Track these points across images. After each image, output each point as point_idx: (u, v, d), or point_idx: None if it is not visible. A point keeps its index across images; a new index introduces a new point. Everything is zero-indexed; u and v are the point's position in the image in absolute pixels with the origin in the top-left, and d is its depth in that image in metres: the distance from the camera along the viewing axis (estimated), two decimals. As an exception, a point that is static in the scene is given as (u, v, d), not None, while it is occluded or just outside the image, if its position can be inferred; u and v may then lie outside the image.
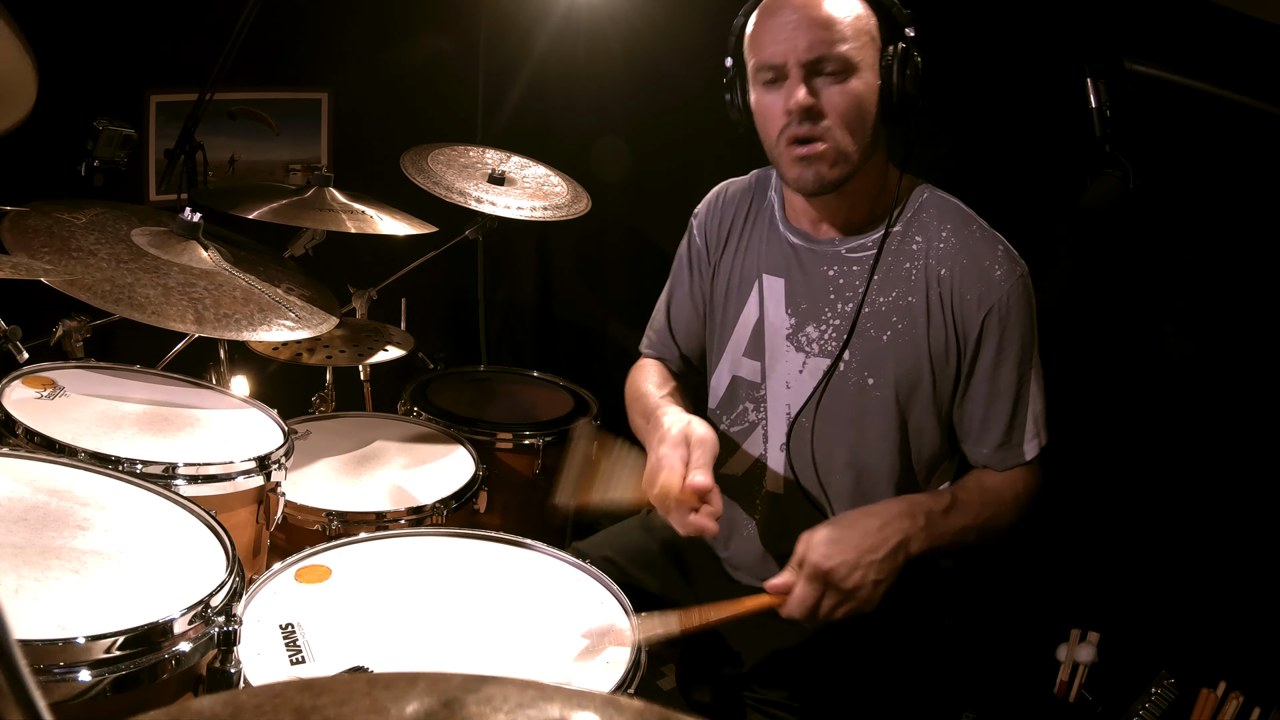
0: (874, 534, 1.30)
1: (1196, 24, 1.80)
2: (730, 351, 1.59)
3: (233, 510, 1.52)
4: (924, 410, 1.46)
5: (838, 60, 1.32)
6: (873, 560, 1.28)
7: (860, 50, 1.34)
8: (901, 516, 1.33)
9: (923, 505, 1.36)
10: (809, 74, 1.33)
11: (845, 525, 1.31)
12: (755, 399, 1.56)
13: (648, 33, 2.70)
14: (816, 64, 1.33)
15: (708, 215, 1.66)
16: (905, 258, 1.44)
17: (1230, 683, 1.90)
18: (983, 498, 1.44)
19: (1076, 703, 2.05)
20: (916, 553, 1.33)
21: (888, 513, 1.34)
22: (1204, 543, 2.00)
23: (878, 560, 1.28)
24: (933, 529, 1.34)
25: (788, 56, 1.33)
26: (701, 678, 1.60)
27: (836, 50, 1.32)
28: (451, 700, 0.44)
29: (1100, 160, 1.73)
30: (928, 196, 1.47)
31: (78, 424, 1.54)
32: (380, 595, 1.32)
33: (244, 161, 2.77)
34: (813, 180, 1.38)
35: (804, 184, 1.40)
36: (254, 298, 1.65)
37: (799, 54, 1.32)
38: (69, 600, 1.08)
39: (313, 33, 2.78)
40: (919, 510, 1.35)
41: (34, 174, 1.96)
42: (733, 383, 1.59)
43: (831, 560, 1.27)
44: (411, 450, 2.06)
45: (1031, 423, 1.45)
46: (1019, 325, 1.41)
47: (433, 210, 2.30)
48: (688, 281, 1.69)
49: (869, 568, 1.28)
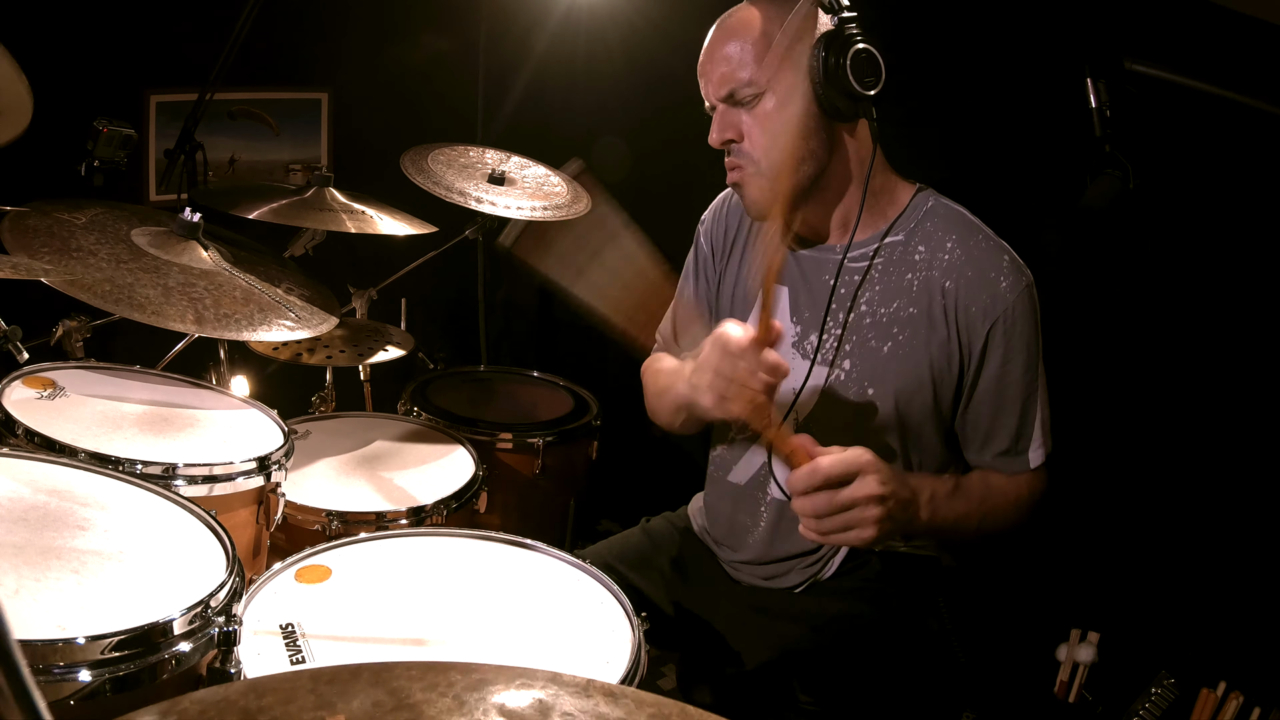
0: (908, 478, 1.30)
1: (1196, 24, 1.80)
2: None
3: (233, 510, 1.52)
4: (925, 420, 1.46)
5: (744, 89, 1.38)
6: (894, 490, 1.23)
7: (768, 67, 1.36)
8: (915, 479, 1.34)
9: (929, 481, 1.37)
10: (730, 107, 1.40)
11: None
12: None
13: (648, 33, 2.70)
14: (730, 98, 1.39)
15: (713, 222, 1.67)
16: (907, 268, 1.43)
17: (1230, 683, 1.90)
18: (986, 490, 1.44)
19: (1076, 703, 2.05)
20: (923, 521, 1.31)
21: (906, 473, 1.36)
22: (1204, 543, 2.00)
23: (897, 495, 1.23)
24: (936, 505, 1.34)
25: (708, 95, 1.43)
26: (702, 677, 1.60)
27: (739, 78, 1.37)
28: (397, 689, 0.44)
29: (1100, 160, 1.73)
30: (932, 204, 1.46)
31: (78, 424, 1.54)
32: (380, 595, 1.32)
33: (244, 161, 2.77)
34: (750, 206, 1.46)
35: (747, 209, 1.48)
36: (254, 298, 1.65)
37: (713, 92, 1.42)
38: (69, 600, 1.08)
39: (313, 33, 2.78)
40: (926, 483, 1.35)
41: (34, 174, 1.96)
42: None
43: (871, 459, 1.21)
44: (411, 450, 2.06)
45: (1038, 430, 1.44)
46: (1024, 336, 1.40)
47: (433, 210, 2.30)
48: (693, 288, 1.69)
49: (890, 494, 1.22)
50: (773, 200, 1.39)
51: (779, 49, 1.35)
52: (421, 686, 0.45)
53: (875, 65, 1.34)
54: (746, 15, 1.39)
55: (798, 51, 1.35)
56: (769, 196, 1.40)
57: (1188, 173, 1.91)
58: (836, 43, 1.33)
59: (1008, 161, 2.17)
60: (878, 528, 1.21)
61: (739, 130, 1.39)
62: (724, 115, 1.40)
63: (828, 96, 1.35)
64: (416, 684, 0.45)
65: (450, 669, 0.46)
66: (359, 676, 0.45)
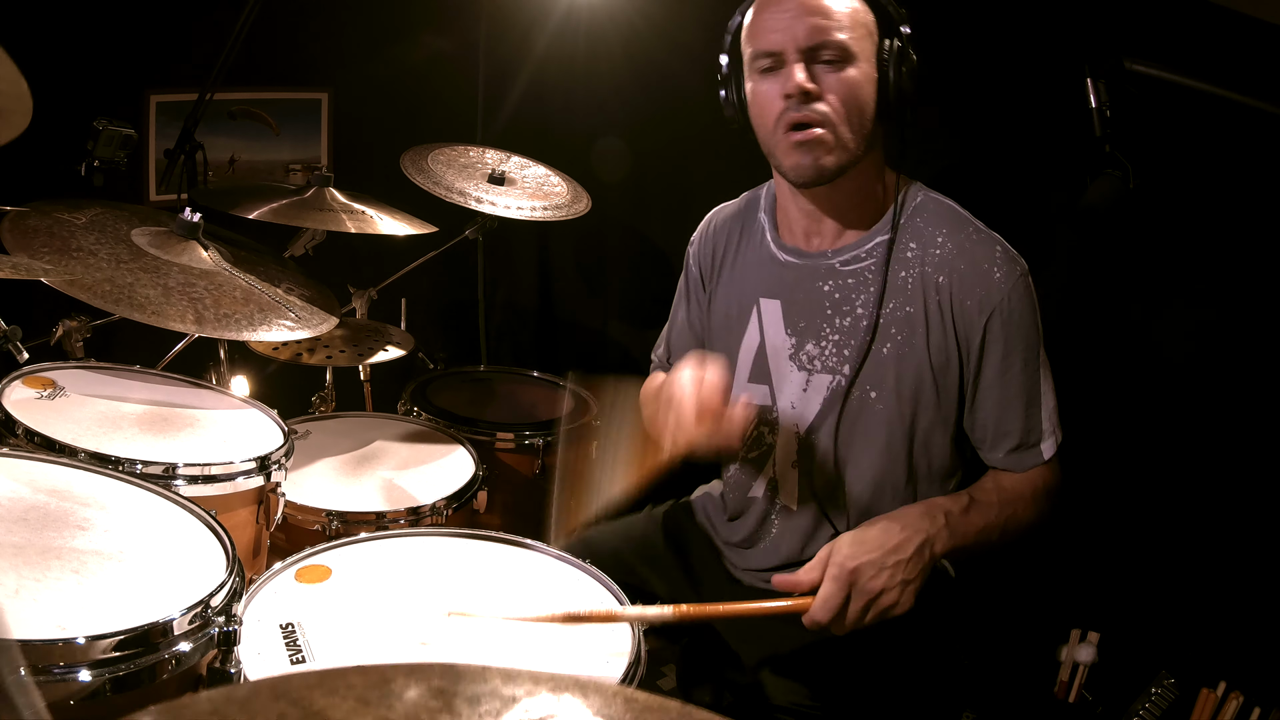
0: (896, 534, 1.29)
1: (1196, 24, 1.80)
2: (736, 379, 1.58)
3: (233, 510, 1.52)
4: (930, 420, 1.45)
5: (836, 47, 1.33)
6: (898, 560, 1.27)
7: (858, 41, 1.34)
8: (921, 518, 1.33)
9: (941, 506, 1.36)
10: (807, 61, 1.34)
11: (867, 529, 1.31)
12: (769, 421, 1.55)
13: (648, 33, 2.70)
14: (815, 50, 1.33)
15: (701, 244, 1.66)
16: (900, 266, 1.43)
17: (1230, 683, 1.90)
18: (1001, 496, 1.42)
19: (1076, 703, 2.05)
20: (942, 552, 1.32)
21: (907, 515, 1.34)
22: (1204, 543, 2.00)
23: (904, 560, 1.27)
24: (954, 528, 1.33)
25: (786, 44, 1.34)
26: (702, 678, 1.60)
27: (834, 37, 1.33)
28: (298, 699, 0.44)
29: (1100, 160, 1.73)
30: (921, 200, 1.46)
31: (78, 424, 1.54)
32: (380, 595, 1.32)
33: (244, 161, 2.77)
34: (810, 166, 1.37)
35: (802, 171, 1.38)
36: (254, 298, 1.65)
37: (798, 40, 1.33)
38: (69, 600, 1.08)
39: (313, 33, 2.78)
40: (938, 510, 1.34)
41: (34, 174, 1.96)
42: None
43: (856, 559, 1.25)
44: (411, 450, 2.06)
45: (1046, 421, 1.44)
46: (1023, 325, 1.40)
47: (433, 210, 2.30)
48: (685, 311, 1.69)
49: (895, 568, 1.26)
50: (836, 166, 1.37)
51: (866, 28, 1.36)
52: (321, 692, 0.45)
53: (921, 79, 1.36)
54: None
55: (872, 41, 1.36)
56: (834, 161, 1.37)
57: (1188, 173, 1.91)
58: (906, 49, 1.35)
59: (1008, 161, 2.17)
60: (908, 595, 1.28)
61: (822, 88, 1.35)
62: (801, 66, 1.34)
63: (888, 93, 1.36)
64: (316, 690, 0.45)
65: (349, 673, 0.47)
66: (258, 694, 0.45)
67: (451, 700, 0.47)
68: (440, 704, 0.46)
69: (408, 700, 0.46)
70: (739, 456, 1.59)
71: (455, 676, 0.47)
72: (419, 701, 0.46)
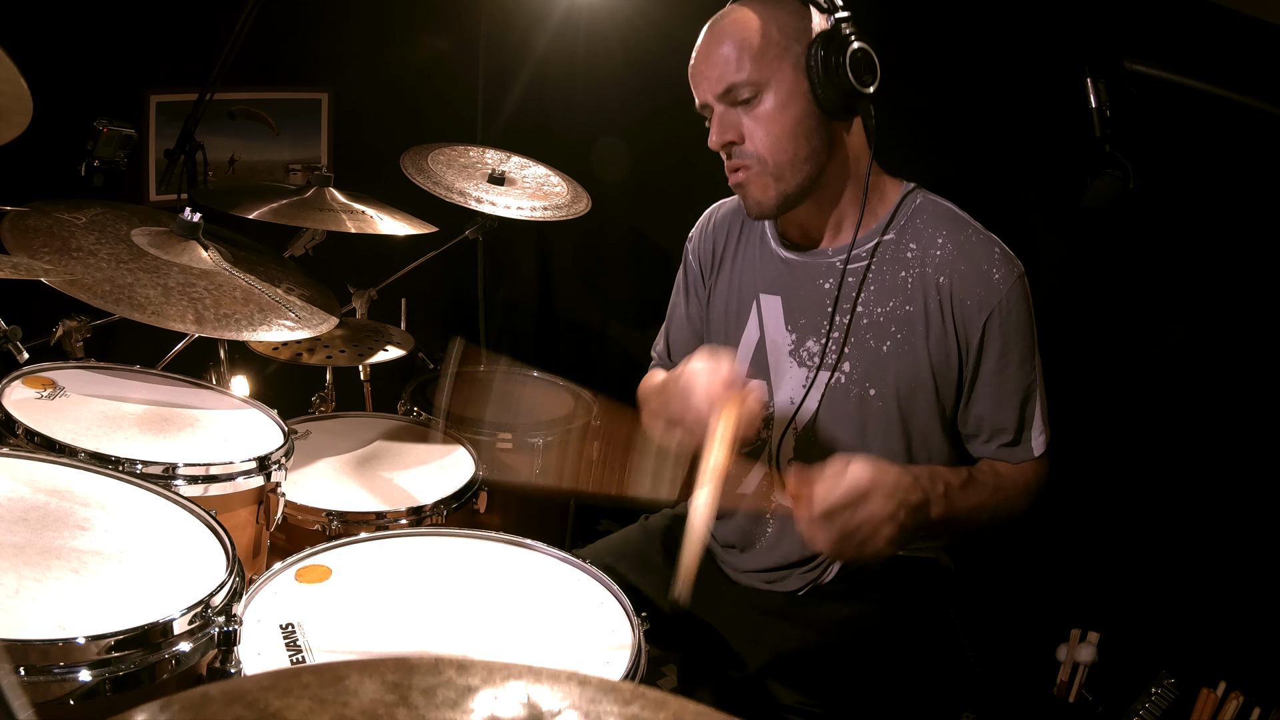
0: (907, 477, 1.26)
1: (1196, 24, 1.80)
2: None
3: (233, 510, 1.52)
4: (928, 418, 1.46)
5: (744, 86, 1.36)
6: (902, 500, 1.23)
7: (768, 65, 1.35)
8: (925, 477, 1.31)
9: (941, 475, 1.36)
10: (729, 106, 1.39)
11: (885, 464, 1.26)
12: (765, 417, 1.55)
13: (648, 33, 2.70)
14: (728, 96, 1.38)
15: (700, 240, 1.67)
16: (900, 266, 1.44)
17: (1230, 683, 1.90)
18: (996, 480, 1.43)
19: (1076, 703, 2.05)
20: (935, 518, 1.30)
21: (913, 471, 1.31)
22: (1204, 543, 2.00)
23: (907, 503, 1.23)
24: (950, 499, 1.33)
25: (705, 95, 1.41)
26: (703, 678, 1.60)
27: (738, 78, 1.36)
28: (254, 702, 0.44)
29: (1100, 160, 1.73)
30: (920, 201, 1.47)
31: (78, 424, 1.54)
32: (380, 595, 1.32)
33: (244, 161, 2.77)
34: (754, 205, 1.44)
35: (750, 209, 1.45)
36: (254, 298, 1.65)
37: (713, 89, 1.39)
38: (69, 600, 1.08)
39: (313, 33, 2.78)
40: (939, 478, 1.34)
41: (34, 174, 1.96)
42: None
43: (871, 478, 1.21)
44: (411, 450, 2.06)
45: (1038, 418, 1.45)
46: (1020, 326, 1.41)
47: (433, 210, 2.30)
48: (684, 307, 1.69)
49: (898, 507, 1.22)
50: (777, 200, 1.41)
51: (777, 47, 1.35)
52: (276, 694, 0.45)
53: (872, 64, 1.35)
54: (741, 15, 1.38)
55: (795, 51, 1.36)
56: (773, 196, 1.40)
57: (1188, 173, 1.91)
58: (835, 42, 1.33)
59: (1008, 162, 2.17)
60: (892, 541, 1.23)
61: (739, 131, 1.39)
62: (723, 117, 1.39)
63: (827, 95, 1.35)
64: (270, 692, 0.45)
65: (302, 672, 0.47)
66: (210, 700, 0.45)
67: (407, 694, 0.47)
68: (396, 698, 0.46)
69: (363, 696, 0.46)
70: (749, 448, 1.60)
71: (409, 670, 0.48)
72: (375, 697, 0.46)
